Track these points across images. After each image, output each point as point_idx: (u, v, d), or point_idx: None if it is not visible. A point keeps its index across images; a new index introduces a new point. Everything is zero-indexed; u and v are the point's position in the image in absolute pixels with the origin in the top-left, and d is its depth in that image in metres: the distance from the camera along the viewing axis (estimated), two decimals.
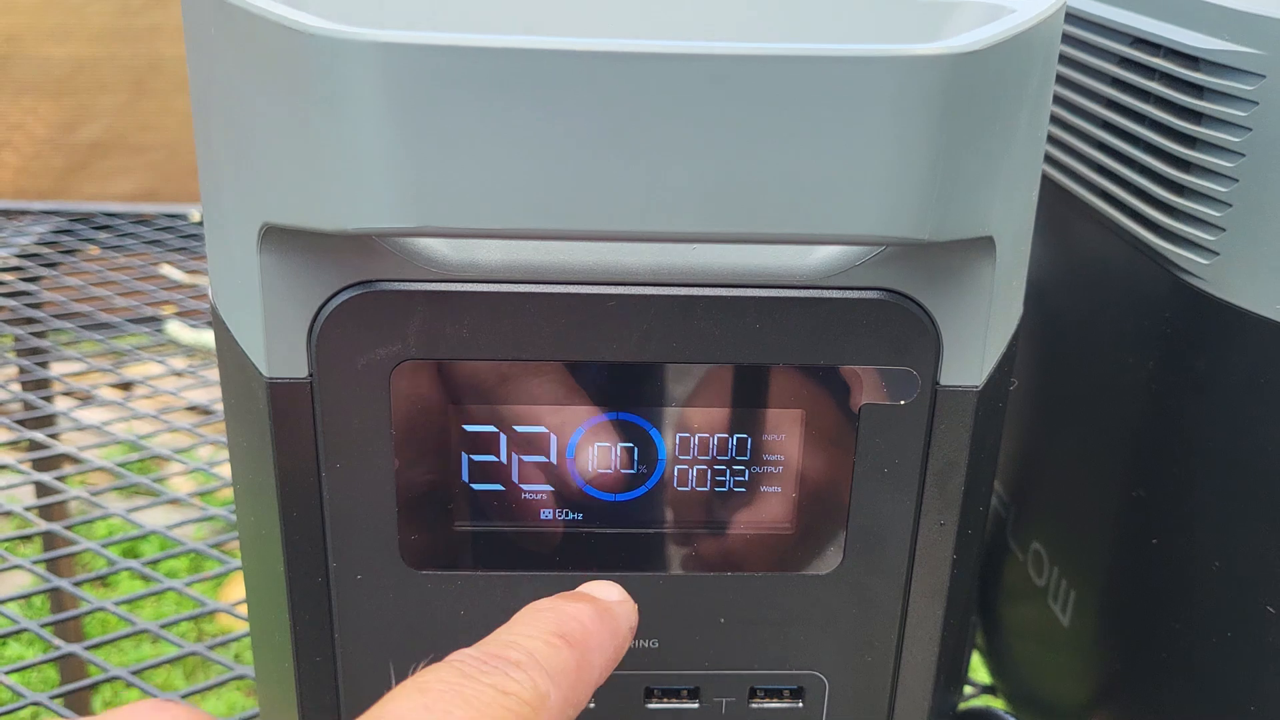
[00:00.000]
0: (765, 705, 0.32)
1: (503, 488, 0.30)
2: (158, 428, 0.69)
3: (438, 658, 0.24)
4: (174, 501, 0.63)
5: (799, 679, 0.32)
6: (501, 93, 0.22)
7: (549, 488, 0.30)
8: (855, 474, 0.29)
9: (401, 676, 0.23)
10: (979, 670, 0.50)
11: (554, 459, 0.30)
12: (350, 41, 0.22)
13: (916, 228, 0.23)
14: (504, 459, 0.29)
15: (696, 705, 0.32)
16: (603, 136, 0.22)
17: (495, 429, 0.29)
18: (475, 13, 0.29)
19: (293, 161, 0.24)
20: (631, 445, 0.29)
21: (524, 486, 0.30)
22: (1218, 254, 0.32)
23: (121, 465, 0.66)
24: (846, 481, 0.30)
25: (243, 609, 0.55)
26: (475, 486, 0.30)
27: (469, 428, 0.29)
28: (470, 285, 0.27)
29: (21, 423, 0.70)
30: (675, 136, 0.22)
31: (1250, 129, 0.31)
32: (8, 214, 0.98)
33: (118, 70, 1.64)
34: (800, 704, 0.32)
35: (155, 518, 0.62)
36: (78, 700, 0.90)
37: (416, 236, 0.26)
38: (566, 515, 0.30)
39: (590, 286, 0.27)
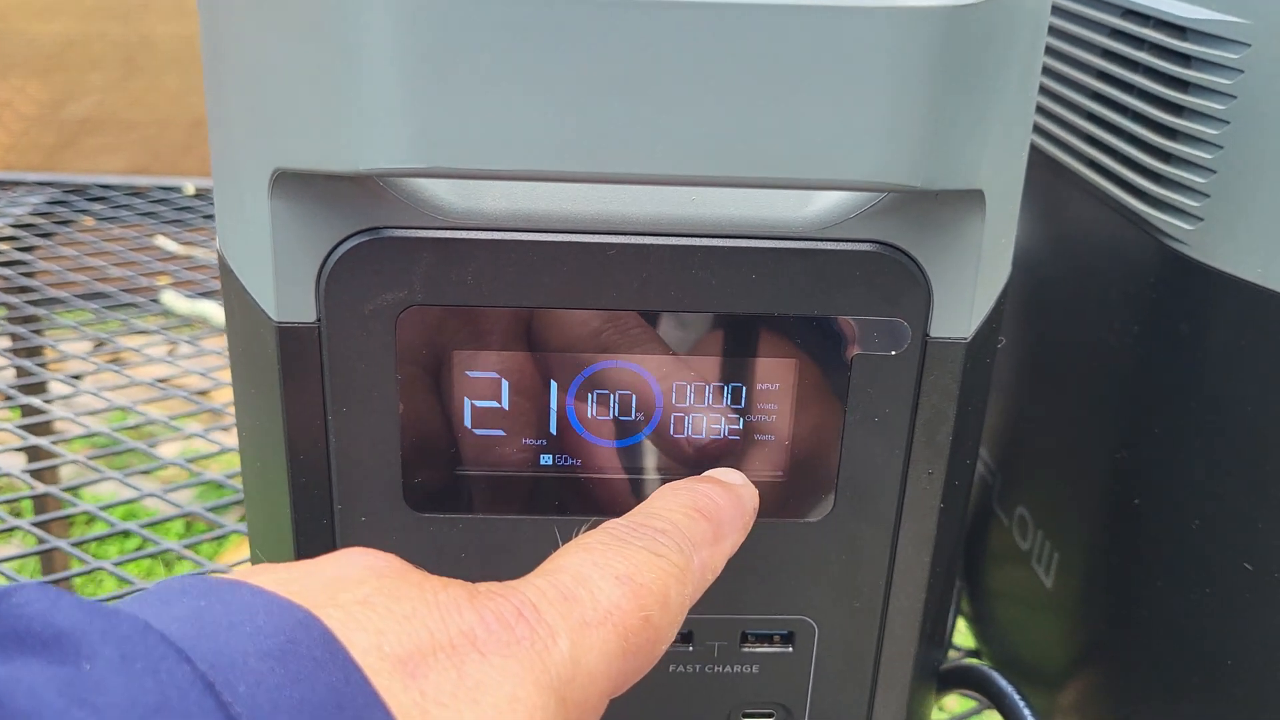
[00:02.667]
0: (756, 650, 0.33)
1: (503, 433, 0.30)
2: (152, 395, 0.70)
3: (594, 525, 0.27)
4: (168, 467, 0.64)
5: (790, 624, 0.33)
6: (509, 37, 0.23)
7: (547, 433, 0.31)
8: (846, 423, 0.30)
9: None
10: (965, 637, 0.51)
11: (553, 405, 0.30)
12: None
13: (910, 175, 0.24)
14: (504, 405, 0.30)
15: (690, 649, 0.33)
16: (608, 81, 0.23)
17: (496, 375, 0.30)
18: None
19: (306, 105, 0.24)
20: (628, 392, 0.30)
21: (523, 432, 0.30)
22: (1202, 219, 0.33)
23: (119, 430, 0.66)
24: (838, 430, 0.30)
25: (241, 570, 0.55)
26: (477, 431, 0.30)
27: (471, 373, 0.30)
28: (474, 233, 0.28)
29: (16, 389, 0.70)
30: (681, 82, 0.23)
31: (1235, 97, 0.31)
32: (2, 185, 0.99)
33: (108, 47, 1.63)
34: (790, 649, 0.33)
35: (148, 484, 0.63)
36: None
37: (425, 177, 0.26)
38: (564, 460, 0.31)
39: (591, 235, 0.28)
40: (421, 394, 0.30)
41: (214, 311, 0.80)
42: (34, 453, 0.70)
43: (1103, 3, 0.38)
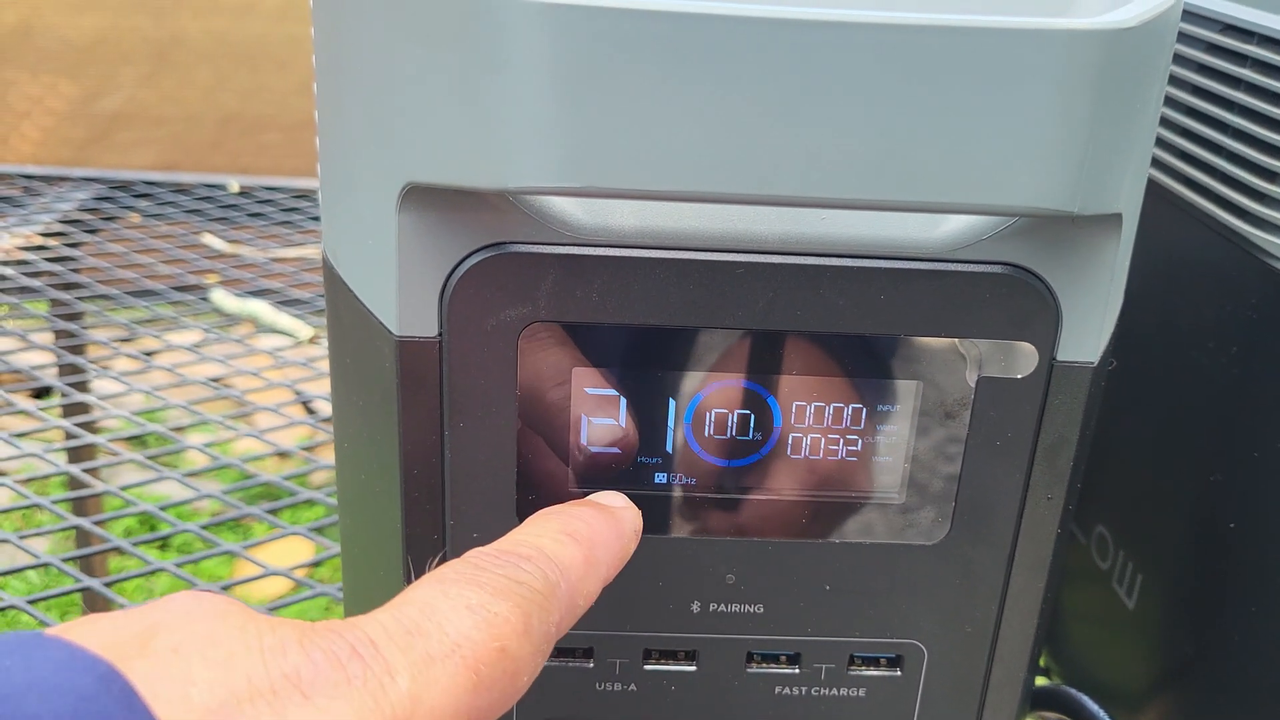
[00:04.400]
0: (864, 673, 0.33)
1: (619, 451, 0.30)
2: (205, 394, 0.70)
3: (450, 556, 0.25)
4: (226, 468, 0.64)
5: (899, 648, 0.33)
6: (666, 56, 0.22)
7: (665, 452, 0.30)
8: (968, 446, 0.30)
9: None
10: None
11: (671, 423, 0.30)
12: (520, 3, 0.22)
13: (1068, 200, 0.24)
14: (623, 422, 0.30)
15: (796, 671, 0.33)
16: (767, 102, 0.23)
17: (616, 392, 0.29)
18: None
19: (448, 120, 0.24)
20: (748, 412, 0.30)
21: (640, 450, 0.30)
22: None
23: (174, 430, 0.66)
24: (958, 453, 0.30)
25: (300, 573, 0.55)
26: (593, 449, 0.30)
27: (591, 390, 0.29)
28: (602, 249, 0.27)
29: (66, 387, 0.70)
30: (840, 103, 0.23)
31: None
32: (48, 180, 0.99)
33: (139, 42, 1.64)
34: (899, 672, 0.33)
35: (202, 485, 0.63)
36: None
37: (572, 196, 0.26)
38: (680, 479, 0.31)
39: (720, 254, 0.28)
40: (539, 409, 0.29)
41: (263, 311, 0.80)
42: (81, 452, 0.70)
43: (1199, 18, 0.38)
